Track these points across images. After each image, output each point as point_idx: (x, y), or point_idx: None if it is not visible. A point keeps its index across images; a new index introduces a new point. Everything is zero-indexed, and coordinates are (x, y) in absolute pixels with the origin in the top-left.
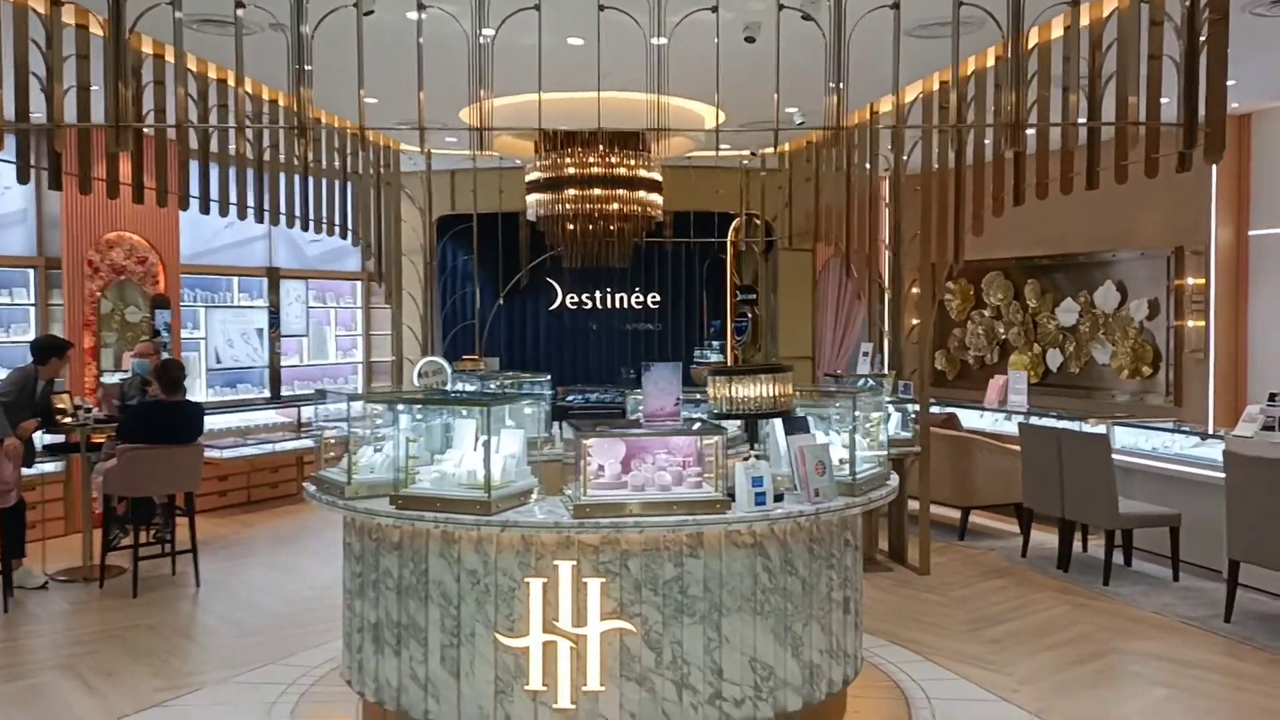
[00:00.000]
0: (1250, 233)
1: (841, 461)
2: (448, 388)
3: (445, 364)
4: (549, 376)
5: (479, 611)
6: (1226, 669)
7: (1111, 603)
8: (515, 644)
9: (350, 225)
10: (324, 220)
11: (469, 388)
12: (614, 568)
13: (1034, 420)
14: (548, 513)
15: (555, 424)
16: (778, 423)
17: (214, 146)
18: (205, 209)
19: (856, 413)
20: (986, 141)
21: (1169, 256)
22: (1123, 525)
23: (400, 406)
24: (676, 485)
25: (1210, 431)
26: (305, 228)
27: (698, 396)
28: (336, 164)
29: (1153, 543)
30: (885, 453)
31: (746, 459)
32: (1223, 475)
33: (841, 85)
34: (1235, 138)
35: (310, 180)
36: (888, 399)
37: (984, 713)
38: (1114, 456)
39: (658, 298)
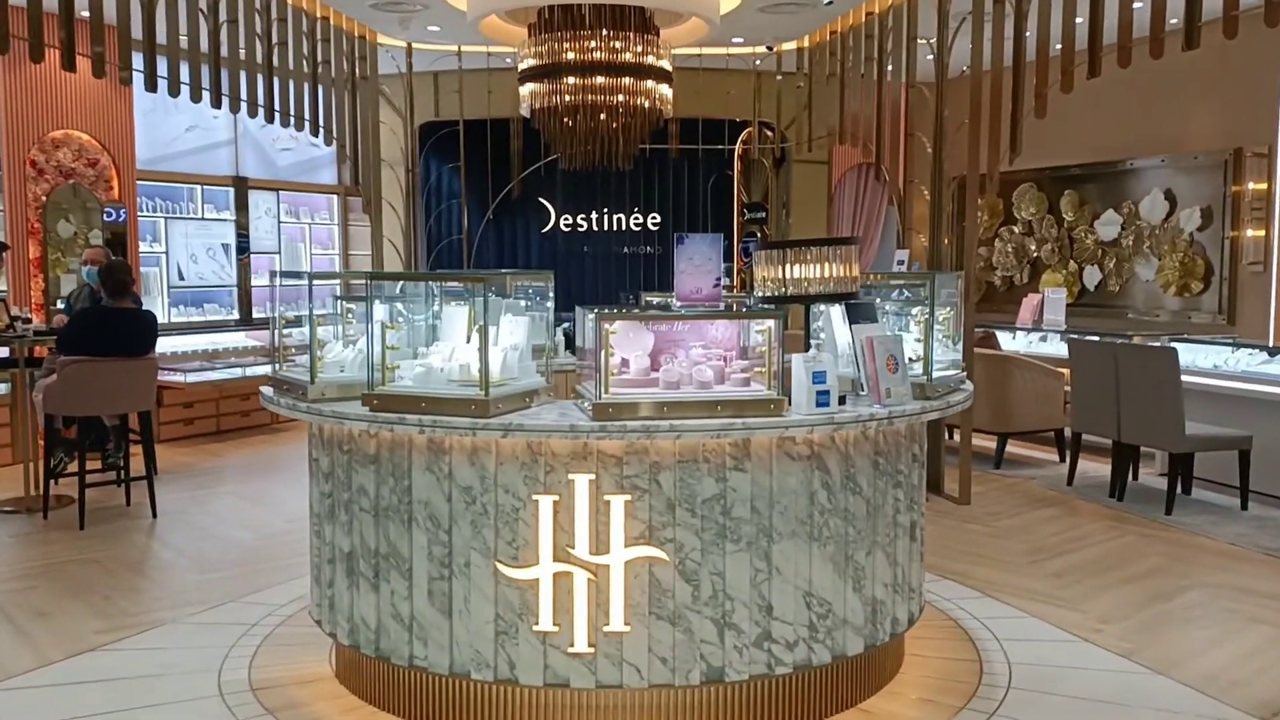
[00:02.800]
0: None
1: (912, 359)
2: None
3: None
4: (551, 276)
5: (475, 537)
6: None
7: (1179, 533)
8: (520, 576)
9: (322, 123)
10: (291, 114)
11: None
12: (642, 483)
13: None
14: (560, 415)
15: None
16: (836, 311)
17: (161, 18)
18: (151, 85)
19: (933, 298)
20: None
21: (1226, 159)
22: (1190, 448)
23: (375, 286)
24: (719, 383)
25: (1275, 345)
26: (270, 119)
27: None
28: (305, 50)
29: (1212, 470)
30: (959, 352)
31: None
32: None
33: None
34: None
35: (274, 62)
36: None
37: (1065, 656)
38: None
39: (658, 219)
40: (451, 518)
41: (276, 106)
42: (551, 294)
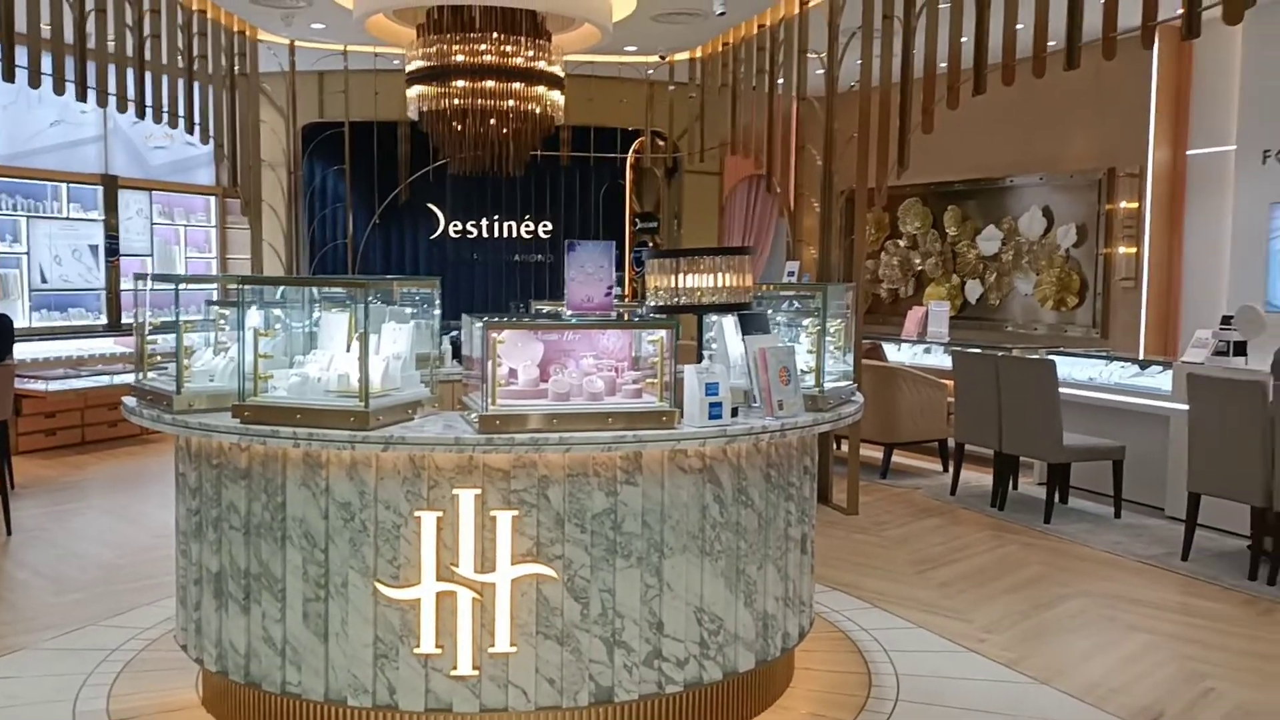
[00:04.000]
0: (1189, 153)
1: (805, 371)
2: None
3: None
4: (439, 279)
5: (354, 555)
6: (1201, 611)
7: (1058, 542)
8: (401, 596)
9: (198, 121)
10: (165, 110)
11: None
12: (530, 498)
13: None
14: (445, 428)
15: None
16: (729, 321)
17: (20, 3)
18: (9, 75)
19: (825, 310)
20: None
21: (1100, 179)
22: (1067, 459)
23: (248, 290)
24: (610, 394)
25: (1146, 358)
26: (141, 115)
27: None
28: (181, 44)
29: (1088, 480)
30: (851, 363)
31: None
32: (1164, 405)
33: None
34: (1175, 49)
35: (146, 56)
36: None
37: (951, 666)
38: None
39: (549, 227)
40: (328, 535)
41: (149, 102)
42: (438, 301)
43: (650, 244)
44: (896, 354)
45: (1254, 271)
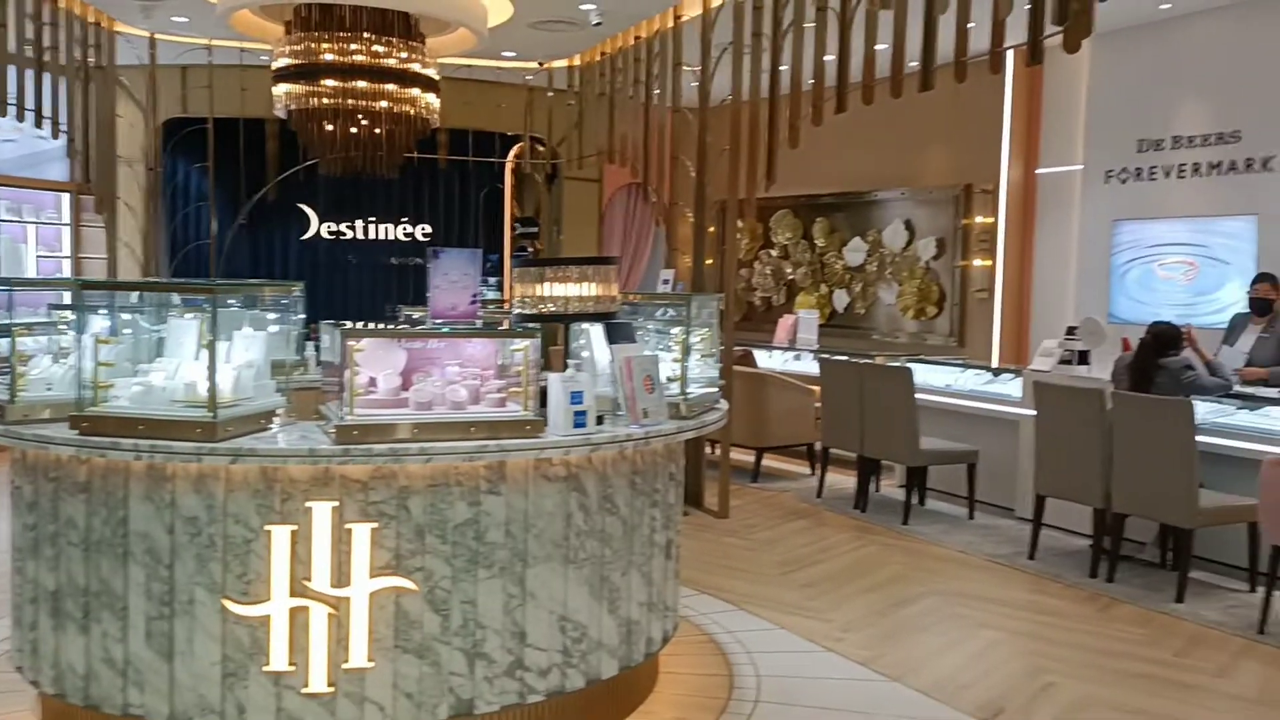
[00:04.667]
0: (1039, 171)
1: (670, 379)
2: None
3: None
4: (301, 287)
5: (200, 572)
6: (1046, 608)
7: (915, 542)
8: (251, 613)
9: (48, 114)
10: (11, 102)
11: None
12: (389, 509)
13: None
14: (300, 438)
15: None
16: (597, 329)
17: None
18: None
19: (689, 320)
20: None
21: (958, 195)
22: (924, 462)
23: (88, 295)
24: (473, 404)
25: (999, 366)
26: None
27: None
28: (30, 33)
29: (944, 482)
30: (717, 371)
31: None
32: (1015, 411)
33: None
34: (1026, 73)
35: None
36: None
37: (810, 666)
38: None
39: (428, 229)
40: (174, 551)
41: None
42: (301, 306)
43: (531, 249)
44: (768, 360)
45: (1098, 284)
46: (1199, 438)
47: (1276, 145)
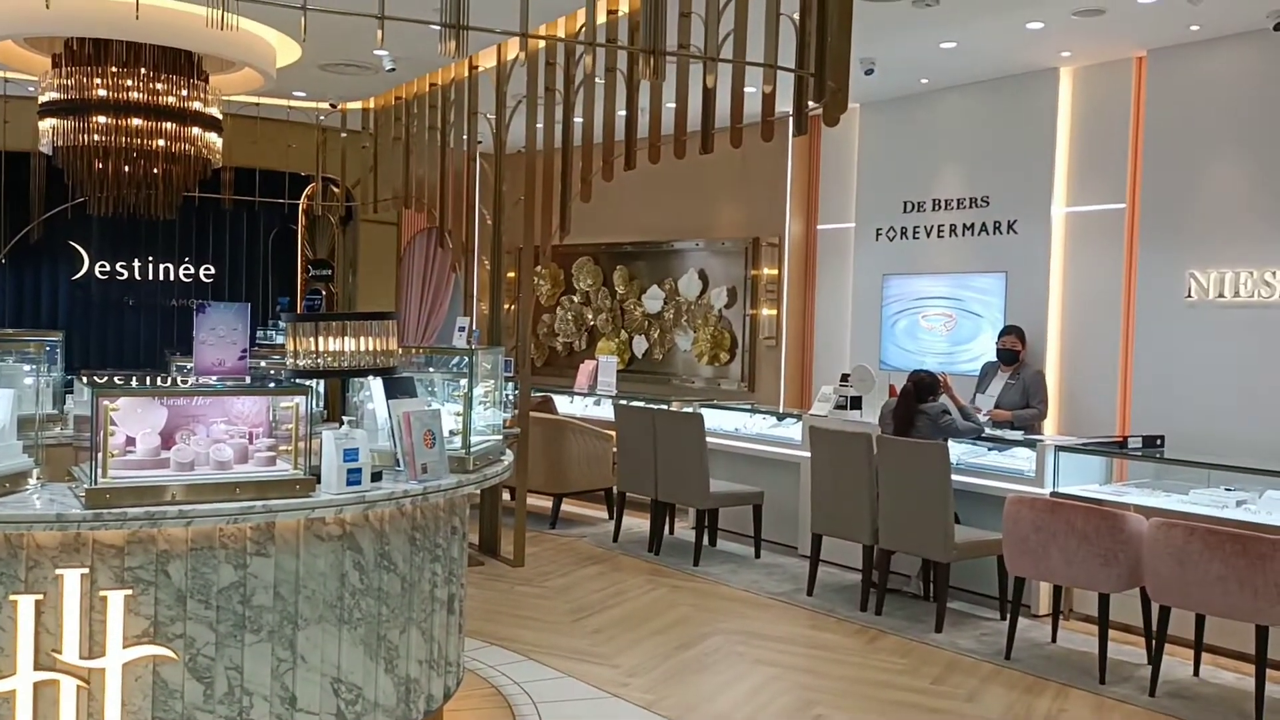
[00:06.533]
0: (819, 227)
1: (452, 433)
2: None
3: None
4: (60, 336)
5: None
6: (819, 642)
7: (703, 583)
8: None
9: None
10: None
11: None
12: (147, 575)
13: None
14: (48, 502)
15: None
16: (377, 384)
17: None
18: None
19: (473, 374)
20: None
21: (747, 247)
22: (714, 505)
23: None
24: (241, 462)
25: (783, 411)
26: None
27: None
28: None
29: (733, 522)
30: (501, 423)
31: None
32: (796, 454)
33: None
34: (809, 137)
35: None
36: None
37: (596, 713)
38: None
39: (212, 270)
40: None
41: None
42: (59, 356)
43: (324, 292)
44: (569, 406)
45: (871, 334)
46: (955, 477)
47: (1020, 210)
